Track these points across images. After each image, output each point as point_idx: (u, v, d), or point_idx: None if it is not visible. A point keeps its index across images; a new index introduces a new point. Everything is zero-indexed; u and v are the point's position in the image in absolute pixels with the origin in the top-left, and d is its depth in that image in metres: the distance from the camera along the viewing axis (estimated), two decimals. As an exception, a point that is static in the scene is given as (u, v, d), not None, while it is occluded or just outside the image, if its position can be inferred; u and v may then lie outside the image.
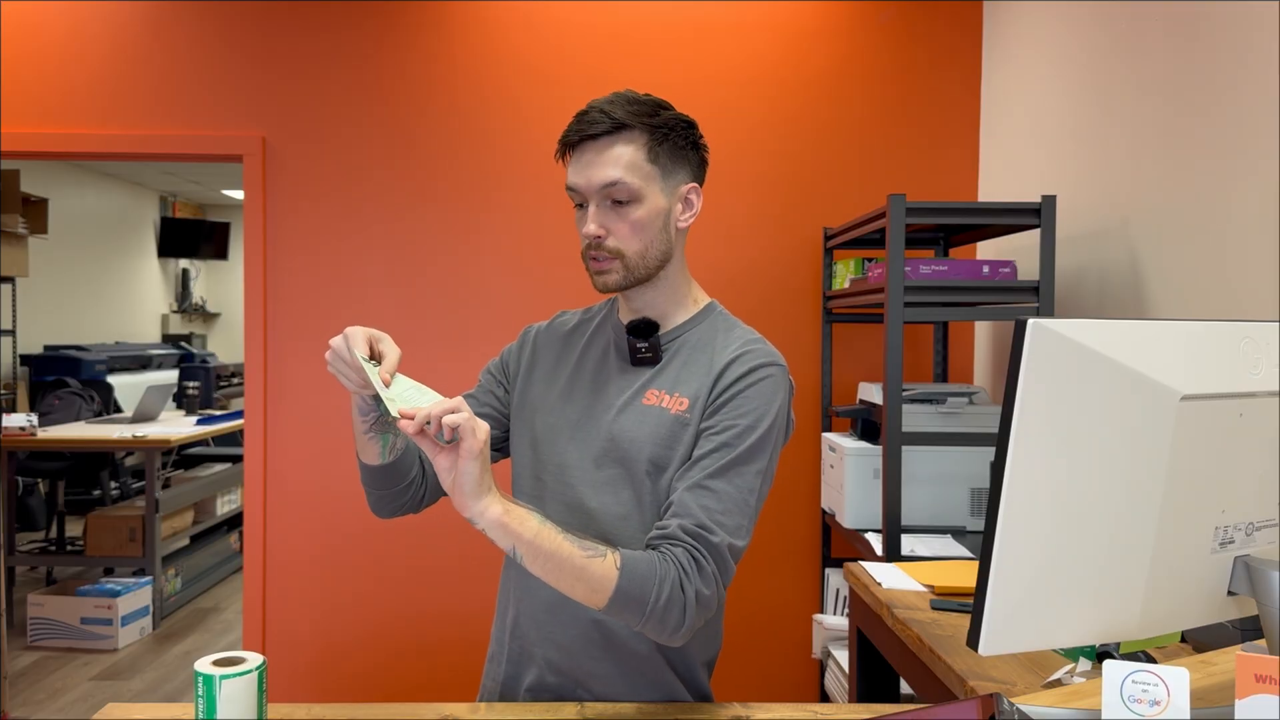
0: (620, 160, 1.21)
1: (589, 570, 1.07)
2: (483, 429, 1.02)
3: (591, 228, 1.22)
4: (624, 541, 1.20)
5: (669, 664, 1.28)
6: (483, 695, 1.38)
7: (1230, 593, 0.96)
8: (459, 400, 1.03)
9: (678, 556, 1.12)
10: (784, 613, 3.12)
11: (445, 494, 1.33)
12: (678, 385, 1.26)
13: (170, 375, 7.44)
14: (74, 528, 5.42)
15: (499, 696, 1.33)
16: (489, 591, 1.40)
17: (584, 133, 1.22)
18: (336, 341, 1.11)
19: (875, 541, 2.37)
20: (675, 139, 1.25)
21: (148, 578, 4.36)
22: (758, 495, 1.19)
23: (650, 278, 1.26)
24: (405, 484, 1.28)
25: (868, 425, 2.67)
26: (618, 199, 1.22)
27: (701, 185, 1.30)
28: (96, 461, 5.56)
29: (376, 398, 1.14)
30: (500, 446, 1.39)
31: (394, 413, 1.05)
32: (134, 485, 5.95)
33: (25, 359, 6.51)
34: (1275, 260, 1.73)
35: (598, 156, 1.21)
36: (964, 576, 1.82)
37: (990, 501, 0.84)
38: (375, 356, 1.11)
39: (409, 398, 1.07)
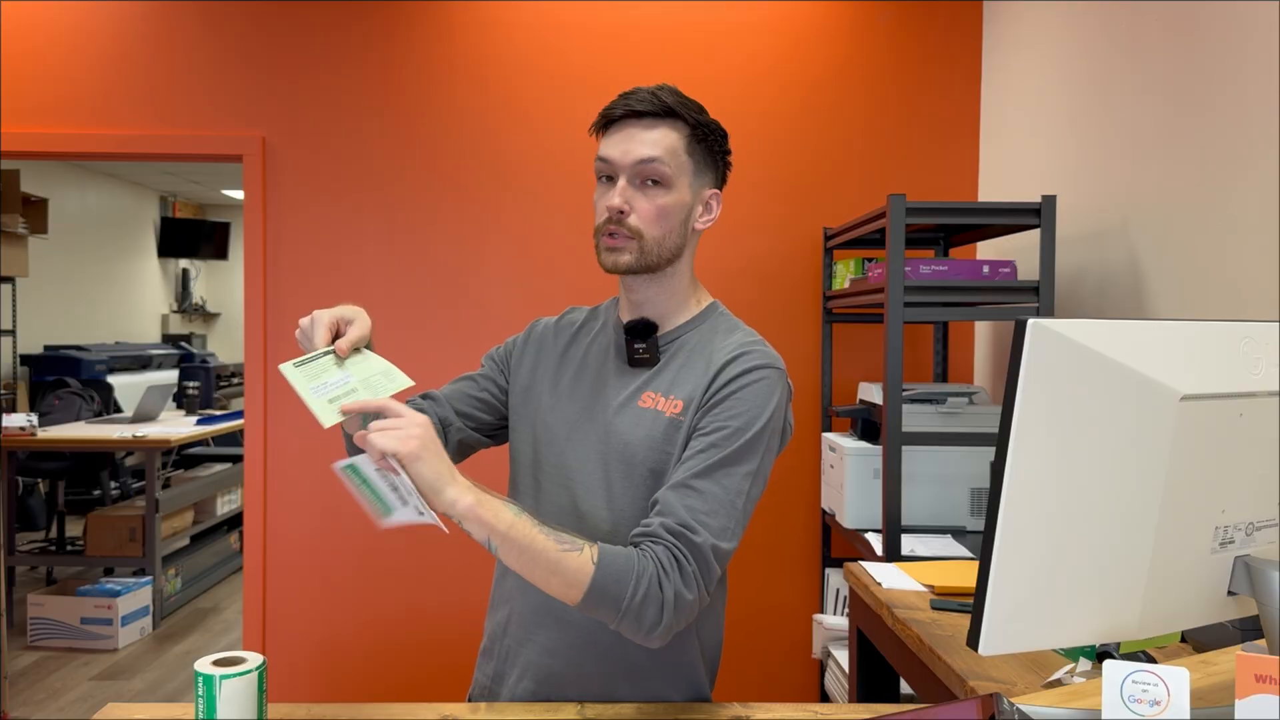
0: (662, 143, 1.21)
1: (564, 563, 1.04)
2: (415, 429, 1.01)
3: (616, 200, 1.21)
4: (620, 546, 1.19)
5: (666, 674, 1.25)
6: (474, 689, 1.36)
7: (1230, 593, 0.96)
8: (390, 409, 1.03)
9: (658, 554, 1.08)
10: (784, 613, 3.12)
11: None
12: (674, 387, 1.23)
13: (170, 375, 7.43)
14: (74, 528, 5.42)
15: (489, 692, 1.32)
16: (489, 591, 1.39)
17: (631, 108, 1.22)
18: (304, 322, 1.13)
19: (875, 541, 2.37)
20: (711, 141, 1.27)
21: (148, 578, 4.36)
22: (746, 498, 1.15)
23: (659, 268, 1.25)
24: None
25: (868, 425, 2.67)
26: (650, 178, 1.21)
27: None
28: (96, 461, 5.55)
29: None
30: (494, 434, 1.37)
31: (321, 418, 1.05)
32: (134, 485, 5.94)
33: (25, 359, 6.50)
34: (1275, 260, 1.73)
35: (640, 133, 1.21)
36: (964, 576, 1.82)
37: (990, 501, 0.84)
38: (340, 335, 1.12)
39: (375, 384, 1.09)
